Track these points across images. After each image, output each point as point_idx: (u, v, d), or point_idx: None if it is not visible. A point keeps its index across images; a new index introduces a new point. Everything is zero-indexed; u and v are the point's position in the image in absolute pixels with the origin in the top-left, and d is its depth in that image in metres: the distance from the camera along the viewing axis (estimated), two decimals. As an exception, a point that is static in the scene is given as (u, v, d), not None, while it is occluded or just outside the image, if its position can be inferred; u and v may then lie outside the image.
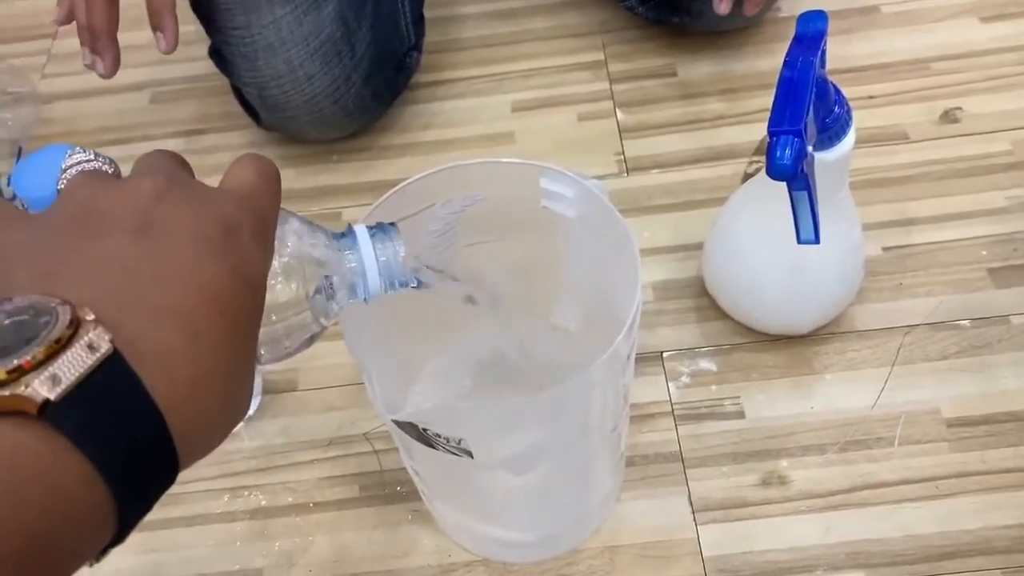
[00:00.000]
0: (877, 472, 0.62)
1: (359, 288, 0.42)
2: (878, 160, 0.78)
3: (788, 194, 0.53)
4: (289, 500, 0.65)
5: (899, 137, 0.80)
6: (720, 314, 0.70)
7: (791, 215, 0.55)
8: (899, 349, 0.68)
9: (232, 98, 0.85)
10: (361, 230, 0.42)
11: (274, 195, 0.36)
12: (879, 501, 0.61)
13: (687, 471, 0.64)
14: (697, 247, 0.73)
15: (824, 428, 0.65)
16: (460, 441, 0.46)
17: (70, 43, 0.99)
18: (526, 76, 0.90)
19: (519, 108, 0.87)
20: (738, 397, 0.67)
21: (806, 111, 0.50)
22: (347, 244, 0.42)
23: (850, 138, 0.57)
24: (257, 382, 0.69)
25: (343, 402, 0.69)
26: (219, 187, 0.34)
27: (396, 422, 0.47)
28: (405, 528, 0.63)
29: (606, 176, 0.81)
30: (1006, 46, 0.86)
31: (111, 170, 0.37)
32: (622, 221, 0.48)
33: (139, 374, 0.26)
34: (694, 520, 0.62)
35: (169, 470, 0.28)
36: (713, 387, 0.67)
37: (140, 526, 0.27)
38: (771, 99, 0.86)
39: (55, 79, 0.96)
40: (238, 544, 0.63)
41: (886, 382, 0.66)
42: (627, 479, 0.63)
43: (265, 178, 0.36)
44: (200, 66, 0.93)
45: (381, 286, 0.42)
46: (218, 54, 0.80)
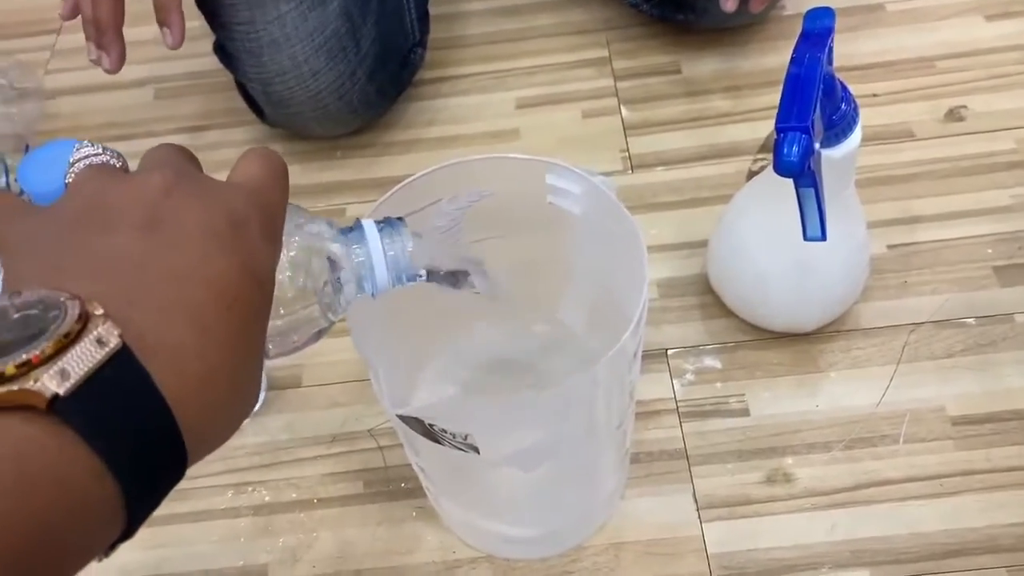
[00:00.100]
0: (882, 470, 0.62)
1: (367, 283, 0.42)
2: (883, 158, 0.78)
3: (795, 191, 0.53)
4: (293, 496, 0.65)
5: (904, 135, 0.80)
6: (725, 311, 0.70)
7: (797, 212, 0.55)
8: (904, 347, 0.68)
9: (236, 94, 0.85)
10: (369, 225, 0.42)
11: (282, 190, 0.36)
12: (884, 499, 0.61)
13: (692, 468, 0.64)
14: (701, 244, 0.73)
15: (829, 426, 0.64)
16: (467, 437, 0.46)
17: (74, 39, 0.99)
18: (530, 73, 0.90)
19: (523, 105, 0.87)
20: (743, 394, 0.66)
21: (813, 108, 0.50)
22: (355, 239, 0.42)
23: (856, 135, 0.56)
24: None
25: (347, 398, 0.69)
26: (227, 181, 0.34)
27: (402, 418, 0.47)
28: (409, 524, 0.63)
29: (612, 173, 0.81)
30: (1011, 44, 0.86)
31: (119, 164, 0.37)
32: (629, 218, 0.48)
33: (148, 369, 0.26)
34: (699, 517, 0.61)
35: (178, 465, 0.28)
36: (718, 384, 0.67)
37: (145, 521, 0.27)
38: (776, 97, 0.86)
39: (59, 75, 0.96)
40: (242, 540, 0.63)
41: (891, 380, 0.66)
42: (632, 476, 0.63)
43: (273, 172, 0.36)
44: (204, 62, 0.93)
45: (389, 280, 0.42)
46: (222, 50, 0.80)
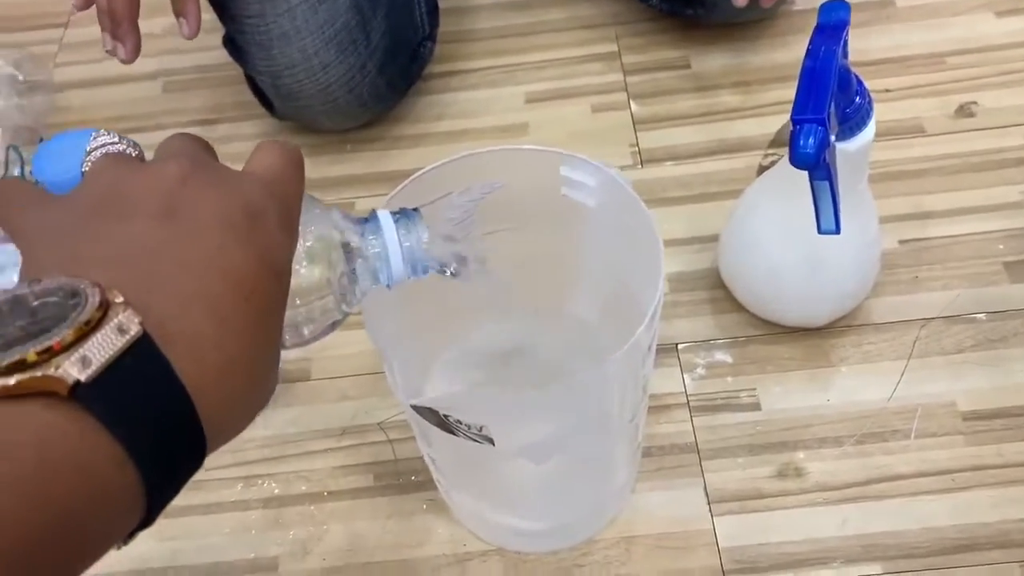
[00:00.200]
0: (893, 465, 0.62)
1: (382, 274, 0.41)
2: (894, 153, 0.78)
3: (809, 184, 0.53)
4: (303, 489, 0.65)
5: (915, 131, 0.80)
6: (735, 306, 0.70)
7: (811, 206, 0.55)
8: (915, 342, 0.67)
9: (245, 88, 0.85)
10: (385, 216, 0.42)
11: (299, 180, 0.36)
12: (896, 494, 0.61)
13: (703, 462, 0.63)
14: (711, 239, 0.73)
15: (840, 420, 0.64)
16: (482, 428, 0.45)
17: (82, 32, 0.99)
18: (539, 67, 0.90)
19: (532, 99, 0.87)
20: (754, 389, 0.66)
21: (829, 100, 0.49)
22: (371, 229, 0.41)
23: (871, 128, 0.56)
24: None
25: (357, 392, 0.69)
26: (243, 171, 0.34)
27: (416, 408, 0.47)
28: (420, 517, 0.63)
29: (621, 168, 0.80)
30: (1021, 41, 0.86)
31: (135, 153, 0.36)
32: (645, 210, 0.48)
33: (167, 357, 0.26)
34: (710, 511, 0.61)
35: (197, 453, 0.28)
36: (729, 379, 0.67)
37: (164, 510, 0.27)
38: (786, 92, 0.86)
39: (67, 68, 0.96)
40: (253, 532, 0.63)
41: (902, 375, 0.66)
42: (642, 470, 0.63)
43: (290, 163, 0.35)
44: (212, 55, 0.93)
45: (405, 271, 0.42)
46: (232, 43, 0.80)
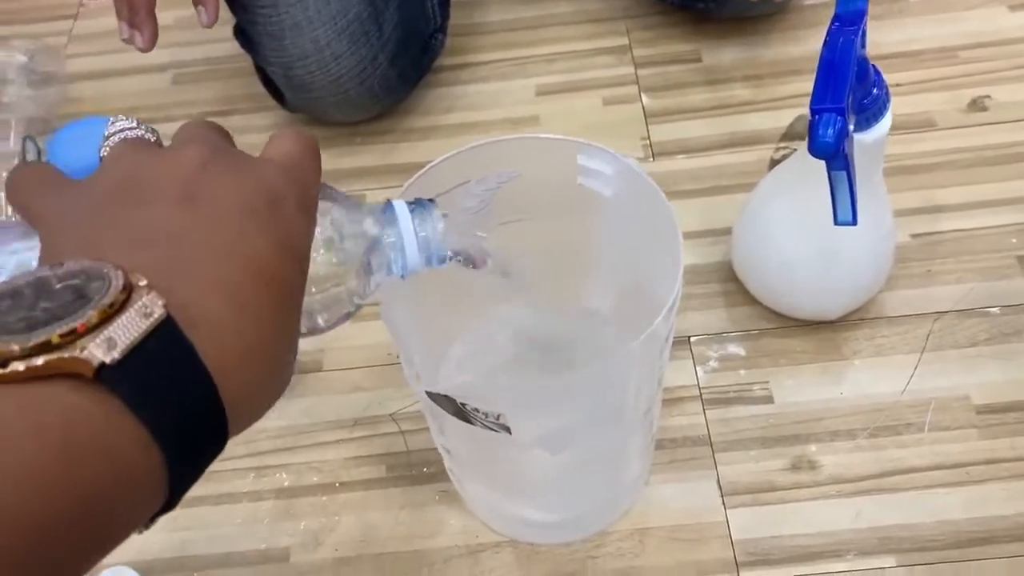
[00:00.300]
0: (907, 458, 0.62)
1: (397, 264, 0.41)
2: (906, 147, 0.78)
3: (827, 174, 0.53)
4: (315, 480, 0.65)
5: (927, 125, 0.80)
6: (748, 299, 0.70)
7: (827, 198, 0.55)
8: (928, 335, 0.67)
9: (254, 80, 0.85)
10: (400, 205, 0.42)
11: (316, 167, 0.36)
12: (909, 487, 0.61)
13: (716, 455, 0.63)
14: (723, 232, 0.73)
15: (853, 413, 0.64)
16: (499, 416, 0.45)
17: (92, 23, 0.99)
18: (550, 60, 0.89)
19: (543, 92, 0.87)
20: (767, 382, 0.66)
21: (848, 90, 0.49)
22: (386, 219, 0.41)
23: (887, 119, 0.56)
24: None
25: (369, 383, 0.69)
26: (262, 158, 0.34)
27: (433, 397, 0.47)
28: (432, 509, 0.63)
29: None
30: (1035, 35, 0.86)
31: (153, 139, 0.36)
32: (664, 200, 0.48)
33: (191, 341, 0.26)
34: (723, 504, 0.61)
35: (219, 438, 0.28)
36: (741, 372, 0.67)
37: (185, 494, 0.27)
38: (798, 86, 0.86)
39: (76, 59, 0.96)
40: (265, 523, 0.63)
41: (915, 368, 0.66)
42: (655, 462, 0.63)
43: (307, 150, 0.35)
44: (220, 48, 0.93)
45: (420, 261, 0.41)
46: (243, 33, 0.80)
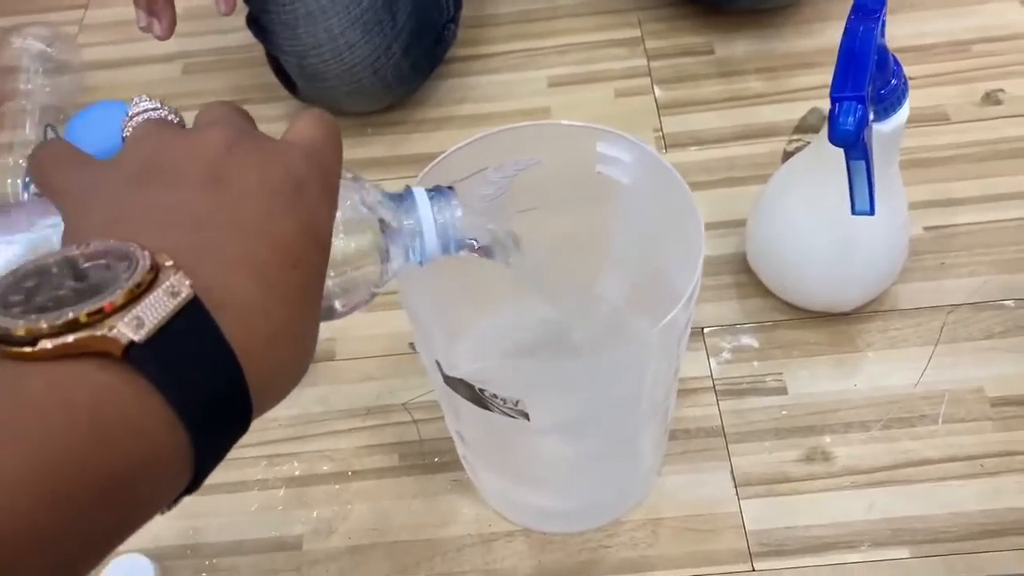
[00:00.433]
0: (921, 450, 0.62)
1: (415, 250, 0.41)
2: (919, 141, 0.78)
3: (845, 164, 0.52)
4: (327, 468, 0.65)
5: (940, 118, 0.80)
6: (761, 291, 0.70)
7: (842, 189, 0.54)
8: (942, 328, 0.67)
9: (265, 70, 0.85)
10: (420, 192, 0.41)
11: (338, 151, 0.36)
12: (923, 478, 0.61)
13: (729, 446, 0.63)
14: (736, 224, 0.73)
15: (867, 405, 0.64)
16: (517, 402, 0.45)
17: (102, 13, 0.99)
18: (562, 52, 0.89)
19: (555, 83, 0.87)
20: (780, 373, 0.66)
21: (868, 78, 0.49)
22: (405, 206, 0.41)
23: (905, 110, 0.56)
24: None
25: (382, 372, 0.69)
26: (284, 140, 0.34)
27: (450, 382, 0.47)
28: (445, 497, 0.63)
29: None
30: (1048, 29, 0.86)
31: (176, 119, 0.36)
32: (684, 186, 0.48)
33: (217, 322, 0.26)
34: (736, 495, 0.61)
35: (243, 419, 0.28)
36: (755, 363, 0.67)
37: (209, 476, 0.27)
38: (811, 79, 0.85)
39: (87, 49, 0.95)
40: (279, 509, 0.63)
41: (929, 361, 0.66)
42: (669, 453, 0.63)
43: (329, 134, 0.35)
44: (229, 38, 0.93)
45: (438, 249, 0.41)
46: (256, 23, 0.79)
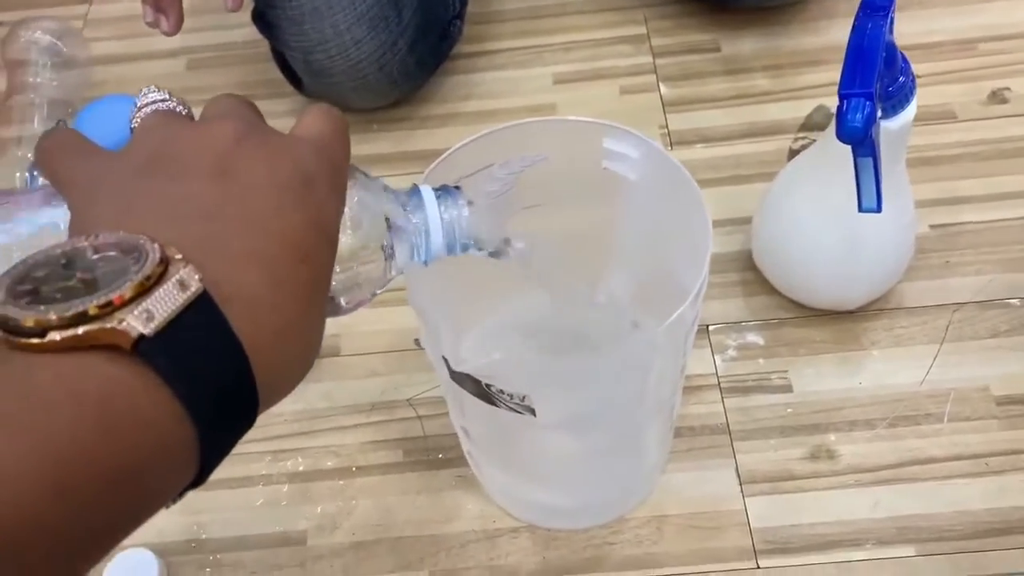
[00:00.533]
0: (926, 448, 0.62)
1: (421, 249, 0.41)
2: (925, 139, 0.77)
3: (853, 161, 0.52)
4: (331, 464, 0.65)
5: (946, 116, 0.80)
6: (766, 289, 0.70)
7: (849, 187, 0.54)
8: (948, 326, 0.67)
9: (270, 65, 0.85)
10: (427, 190, 0.41)
11: (346, 146, 0.35)
12: (928, 477, 0.61)
13: (734, 443, 0.63)
14: (742, 221, 0.72)
15: (872, 403, 0.64)
16: (524, 398, 0.45)
17: (106, 8, 0.99)
18: (567, 49, 0.89)
19: (560, 80, 0.87)
20: (786, 371, 0.66)
21: (876, 75, 0.49)
22: (412, 203, 0.41)
23: (912, 107, 0.56)
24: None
25: (386, 368, 0.69)
26: (293, 135, 0.34)
27: (456, 377, 0.47)
28: (449, 493, 0.63)
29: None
30: (1055, 28, 0.85)
31: (185, 111, 0.36)
32: (692, 182, 0.47)
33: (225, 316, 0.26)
34: (741, 492, 0.61)
35: (250, 414, 0.28)
36: (760, 361, 0.67)
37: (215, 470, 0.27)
38: (818, 77, 0.85)
39: (92, 44, 0.95)
40: (283, 505, 0.63)
41: (934, 359, 0.66)
42: (674, 450, 0.63)
43: (337, 128, 0.35)
44: (234, 34, 0.93)
45: (444, 247, 0.41)
46: (262, 18, 0.79)
